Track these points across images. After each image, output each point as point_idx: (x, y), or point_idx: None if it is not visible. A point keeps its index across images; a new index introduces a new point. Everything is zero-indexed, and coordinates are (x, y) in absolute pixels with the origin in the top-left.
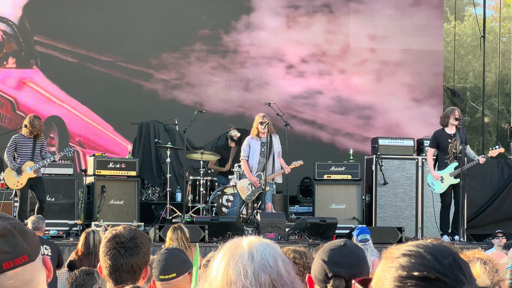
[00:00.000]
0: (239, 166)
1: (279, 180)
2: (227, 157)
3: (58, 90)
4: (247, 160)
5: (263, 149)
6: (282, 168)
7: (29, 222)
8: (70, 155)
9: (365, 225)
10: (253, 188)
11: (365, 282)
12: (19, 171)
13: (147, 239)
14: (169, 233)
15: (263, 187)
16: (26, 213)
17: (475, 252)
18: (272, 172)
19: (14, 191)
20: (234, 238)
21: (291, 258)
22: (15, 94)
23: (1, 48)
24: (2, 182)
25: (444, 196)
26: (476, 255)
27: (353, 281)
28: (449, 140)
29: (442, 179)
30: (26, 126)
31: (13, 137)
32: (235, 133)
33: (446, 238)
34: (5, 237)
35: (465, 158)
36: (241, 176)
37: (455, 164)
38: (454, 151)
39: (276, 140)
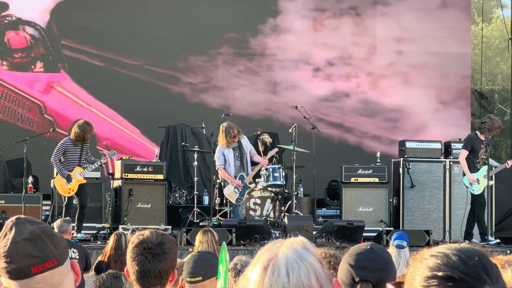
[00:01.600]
0: (266, 169)
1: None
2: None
3: (85, 94)
4: (224, 168)
5: (236, 154)
6: (259, 163)
7: (55, 225)
8: (114, 158)
9: (386, 229)
10: (240, 190)
11: (399, 286)
12: (69, 179)
13: (174, 243)
14: (199, 236)
15: (248, 185)
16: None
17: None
18: (251, 171)
19: (63, 197)
20: (270, 244)
21: (331, 265)
22: (42, 98)
23: (29, 52)
24: (29, 185)
25: (479, 199)
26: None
27: (387, 284)
28: (481, 146)
29: (478, 181)
30: (78, 132)
31: (61, 142)
32: (269, 139)
33: (476, 241)
34: (33, 241)
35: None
36: (224, 184)
37: (485, 167)
38: (483, 156)
39: (244, 141)
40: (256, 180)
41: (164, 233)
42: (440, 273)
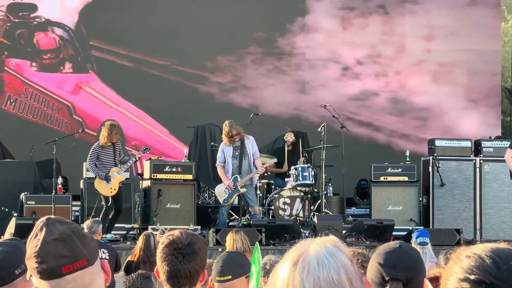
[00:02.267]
0: (295, 169)
1: (254, 180)
2: (284, 159)
3: (114, 94)
4: (223, 166)
5: (236, 153)
6: (256, 168)
7: (85, 226)
8: (147, 152)
9: (423, 228)
10: (230, 192)
11: (436, 281)
12: (108, 178)
13: (204, 243)
14: (231, 234)
15: (239, 189)
16: (108, 217)
17: None
18: (248, 171)
19: (103, 198)
20: (300, 242)
21: (358, 263)
22: (71, 98)
23: (58, 53)
24: (59, 186)
25: None
26: None
27: (425, 280)
28: None
29: None
30: (105, 134)
31: (92, 148)
32: (290, 138)
33: None
34: (64, 241)
35: None
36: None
37: None
38: None
39: (249, 142)
40: (286, 179)
41: (194, 233)
42: (472, 276)
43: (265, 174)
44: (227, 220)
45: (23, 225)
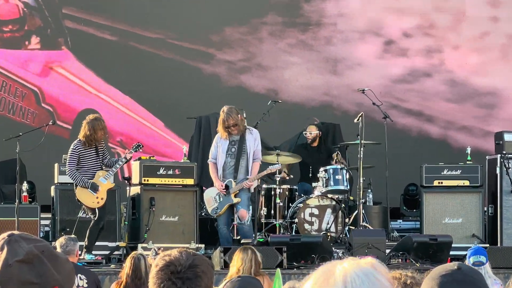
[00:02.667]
0: (326, 171)
1: (251, 187)
2: (310, 159)
3: (94, 77)
4: (215, 163)
5: (233, 149)
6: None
7: (58, 244)
8: (139, 151)
9: (481, 245)
10: (221, 199)
11: None
12: (94, 187)
13: (209, 266)
14: (238, 253)
15: (232, 198)
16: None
17: None
18: (246, 174)
19: (82, 207)
20: (325, 263)
21: (408, 285)
22: (39, 82)
23: (22, 24)
24: (24, 194)
25: None
26: None
27: None
28: None
29: None
30: (87, 132)
31: (72, 147)
32: (312, 133)
33: None
34: (30, 263)
35: None
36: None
37: None
38: None
39: (251, 138)
40: (313, 184)
41: (197, 253)
42: None
43: (286, 179)
44: (232, 236)
45: None
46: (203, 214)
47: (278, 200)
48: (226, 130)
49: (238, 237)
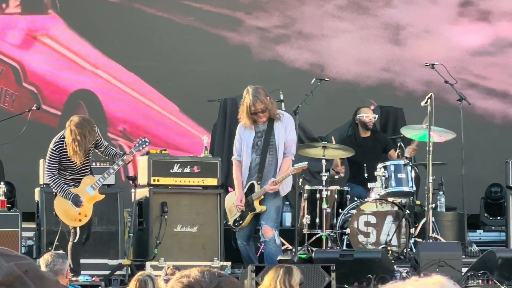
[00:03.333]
0: (385, 168)
1: (282, 191)
2: (364, 152)
3: (89, 48)
4: (241, 161)
5: (259, 142)
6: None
7: (42, 262)
8: (145, 147)
9: None
10: (243, 208)
11: None
12: (77, 200)
13: None
14: (271, 273)
15: (255, 206)
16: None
17: None
18: (275, 175)
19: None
20: (385, 286)
21: None
22: (20, 56)
23: None
24: (1, 198)
25: None
26: None
27: None
28: None
29: None
30: (75, 137)
31: (53, 144)
32: (369, 117)
33: None
34: (11, 286)
35: None
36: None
37: None
38: None
39: (280, 126)
40: (369, 185)
41: (223, 274)
42: None
43: (335, 178)
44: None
45: None
46: (229, 223)
47: (325, 206)
48: (252, 118)
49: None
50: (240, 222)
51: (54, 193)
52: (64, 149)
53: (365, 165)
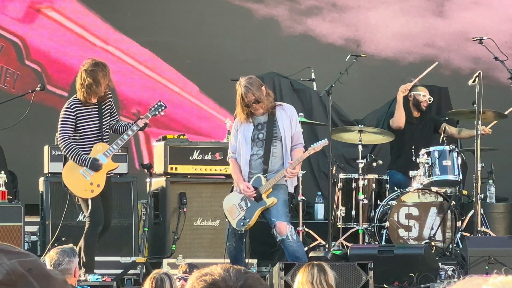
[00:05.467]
0: (428, 154)
1: (290, 186)
2: (410, 136)
3: (99, 22)
4: (236, 158)
5: (260, 135)
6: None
7: (48, 260)
8: (161, 113)
9: None
10: (249, 205)
11: None
12: (95, 166)
13: None
14: (303, 273)
15: (264, 200)
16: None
17: None
18: (281, 167)
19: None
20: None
21: None
22: (22, 30)
23: None
24: (2, 189)
25: None
26: None
27: None
28: None
29: None
30: (87, 82)
31: (64, 107)
32: (425, 96)
33: None
34: (13, 287)
35: None
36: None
37: None
38: None
39: (283, 115)
40: (410, 173)
41: (248, 271)
42: None
43: (373, 165)
44: (306, 248)
45: None
46: (231, 226)
47: (361, 196)
48: (247, 111)
49: (306, 249)
50: (247, 221)
51: (63, 161)
52: (79, 107)
53: (412, 148)
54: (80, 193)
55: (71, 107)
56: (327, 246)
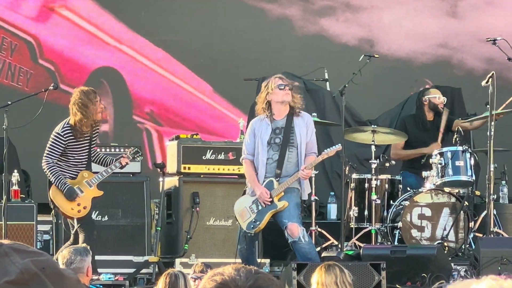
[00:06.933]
0: (441, 155)
1: (304, 193)
2: (422, 137)
3: (113, 21)
4: (253, 161)
5: (277, 139)
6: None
7: (61, 258)
8: (138, 160)
9: None
10: (260, 208)
11: None
12: (71, 194)
13: None
14: (320, 274)
15: (276, 203)
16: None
17: None
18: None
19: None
20: (450, 284)
21: None
22: (36, 30)
23: None
24: (15, 188)
25: None
26: None
27: None
28: None
29: None
30: (82, 110)
31: (59, 130)
32: (440, 99)
33: None
34: (26, 285)
35: None
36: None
37: None
38: None
39: (301, 122)
40: (423, 173)
41: (260, 271)
42: None
43: (386, 166)
44: (318, 248)
45: None
46: (242, 229)
47: (374, 196)
48: (268, 109)
49: (318, 248)
50: (257, 224)
51: (48, 181)
52: (71, 136)
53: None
54: (67, 211)
55: (64, 135)
56: (339, 246)
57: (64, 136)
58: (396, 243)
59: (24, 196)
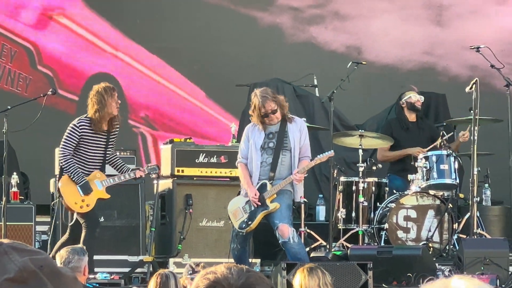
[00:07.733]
0: (426, 159)
1: (296, 195)
2: (406, 141)
3: (109, 29)
4: (247, 164)
5: (270, 143)
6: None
7: (59, 258)
8: (154, 175)
9: None
10: (252, 208)
11: None
12: (86, 188)
13: (268, 287)
14: (303, 277)
15: (268, 205)
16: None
17: None
18: (288, 175)
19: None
20: (428, 283)
21: None
22: (35, 37)
23: None
24: (14, 189)
25: None
26: None
27: None
28: None
29: None
30: (101, 105)
31: (73, 124)
32: (416, 97)
33: None
34: (24, 283)
35: None
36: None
37: None
38: None
39: (294, 127)
40: (409, 177)
41: (251, 270)
42: None
43: (373, 169)
44: (307, 249)
45: None
46: (234, 229)
47: (361, 199)
48: (263, 120)
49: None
50: (249, 223)
51: (60, 172)
52: (87, 129)
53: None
54: (70, 204)
55: (79, 127)
56: (328, 246)
57: (79, 128)
58: (382, 244)
59: (23, 197)
